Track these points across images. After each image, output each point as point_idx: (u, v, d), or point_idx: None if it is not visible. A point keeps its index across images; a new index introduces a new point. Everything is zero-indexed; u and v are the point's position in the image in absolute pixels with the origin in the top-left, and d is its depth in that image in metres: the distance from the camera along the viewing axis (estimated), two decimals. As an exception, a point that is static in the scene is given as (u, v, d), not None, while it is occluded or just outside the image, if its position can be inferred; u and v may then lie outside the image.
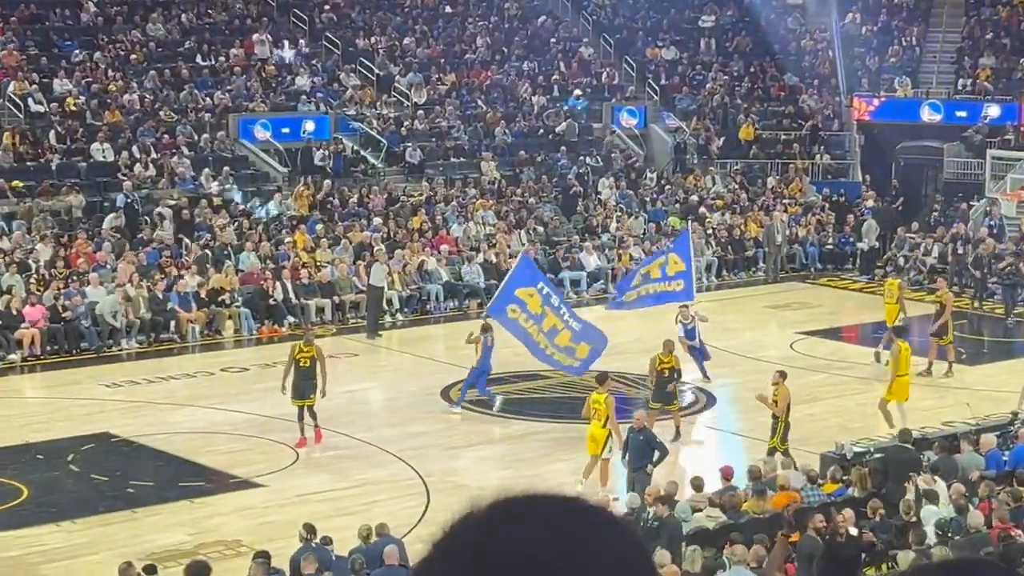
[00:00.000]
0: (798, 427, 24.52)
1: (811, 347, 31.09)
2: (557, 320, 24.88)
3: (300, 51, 43.87)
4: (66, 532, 19.80)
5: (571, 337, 24.90)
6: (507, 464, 22.50)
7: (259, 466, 22.51)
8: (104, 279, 31.21)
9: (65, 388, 27.43)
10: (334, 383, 27.04)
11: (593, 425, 21.41)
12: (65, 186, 35.19)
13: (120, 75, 40.33)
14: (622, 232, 38.76)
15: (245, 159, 39.54)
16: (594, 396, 21.64)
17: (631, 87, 47.93)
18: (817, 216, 41.54)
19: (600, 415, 21.31)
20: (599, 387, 21.80)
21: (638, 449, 20.71)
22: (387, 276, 32.88)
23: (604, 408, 21.29)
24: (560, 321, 24.93)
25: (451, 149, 42.35)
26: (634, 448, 20.76)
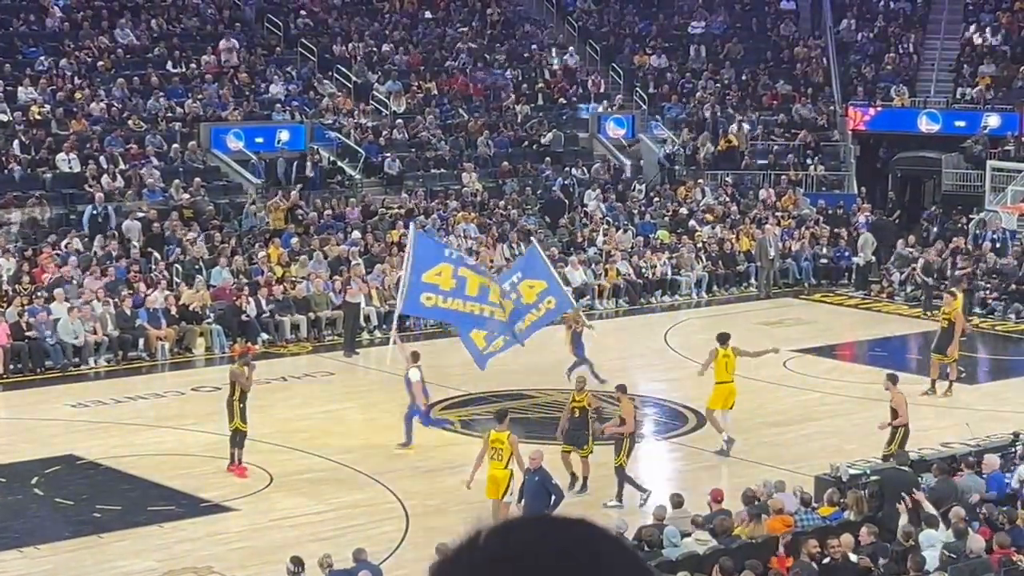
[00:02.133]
0: (791, 448, 24.59)
1: (805, 365, 31.12)
2: (481, 278, 24.31)
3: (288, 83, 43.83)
4: (30, 559, 19.73)
5: (501, 292, 24.40)
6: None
7: (231, 489, 22.46)
8: (70, 295, 31.14)
9: (29, 408, 27.34)
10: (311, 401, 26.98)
11: (493, 466, 20.22)
12: (31, 198, 35.14)
13: (87, 83, 40.30)
14: (609, 246, 38.80)
15: (217, 170, 39.52)
16: (494, 434, 20.47)
17: (618, 95, 48.02)
18: (811, 229, 41.62)
19: (503, 455, 20.19)
20: (499, 424, 20.77)
21: (534, 492, 19.43)
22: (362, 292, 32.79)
23: (508, 447, 20.19)
24: (485, 277, 24.43)
25: (431, 160, 42.38)
26: (530, 491, 19.49)
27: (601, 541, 2.44)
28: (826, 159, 46.25)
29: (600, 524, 2.48)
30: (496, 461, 20.19)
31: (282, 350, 32.02)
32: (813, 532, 17.70)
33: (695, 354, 30.17)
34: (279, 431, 25.28)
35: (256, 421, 23.78)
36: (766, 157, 46.34)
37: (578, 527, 2.45)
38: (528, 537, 2.41)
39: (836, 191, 45.46)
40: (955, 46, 49.18)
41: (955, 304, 29.21)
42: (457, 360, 31.69)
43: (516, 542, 2.40)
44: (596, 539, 2.44)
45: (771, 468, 22.79)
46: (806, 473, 21.85)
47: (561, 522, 2.45)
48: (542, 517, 2.50)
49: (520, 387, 28.53)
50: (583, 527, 2.46)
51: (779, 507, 18.52)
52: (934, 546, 16.95)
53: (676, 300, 38.24)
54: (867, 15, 51.57)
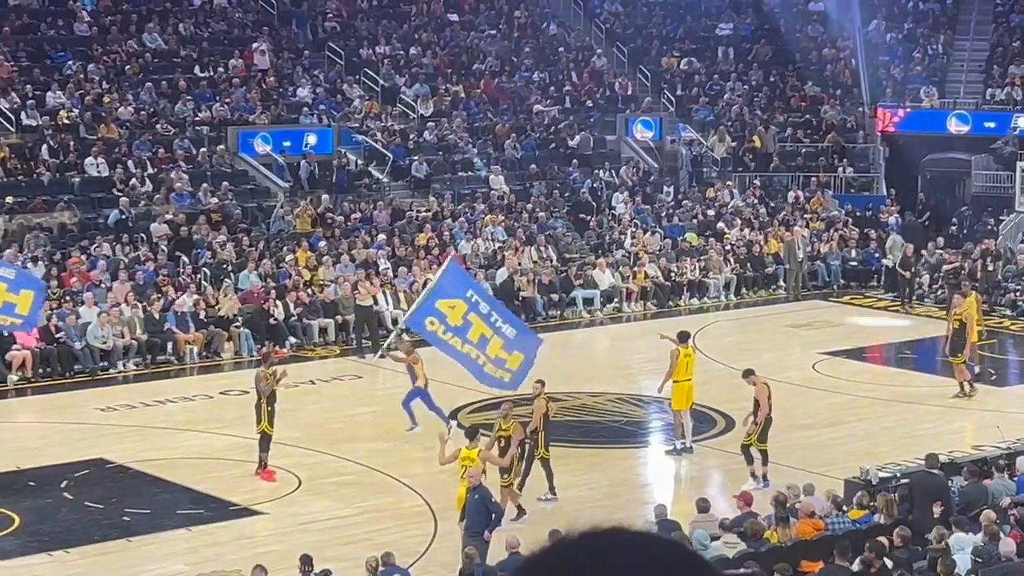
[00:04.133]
0: (821, 451, 24.53)
1: (834, 368, 31.04)
2: (486, 328, 24.35)
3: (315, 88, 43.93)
4: (59, 562, 19.79)
5: (502, 345, 24.35)
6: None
7: (260, 493, 22.50)
8: (99, 299, 31.26)
9: (58, 412, 27.44)
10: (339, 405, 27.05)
11: (463, 484, 19.72)
12: (60, 203, 35.29)
13: (115, 87, 40.44)
14: (637, 248, 38.76)
15: (244, 173, 39.61)
16: (464, 452, 20.24)
17: (646, 98, 47.97)
18: (840, 231, 41.51)
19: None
20: (469, 442, 20.46)
21: (475, 510, 18.95)
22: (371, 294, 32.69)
23: (478, 464, 19.95)
24: (490, 329, 24.39)
25: (459, 163, 42.41)
26: (472, 509, 18.98)
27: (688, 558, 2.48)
28: (855, 161, 46.12)
29: (683, 543, 2.53)
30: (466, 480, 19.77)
31: (310, 354, 32.07)
32: (844, 535, 17.64)
33: (724, 357, 30.17)
34: (307, 434, 25.32)
35: (284, 424, 23.81)
36: (795, 159, 46.25)
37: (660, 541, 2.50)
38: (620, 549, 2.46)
39: (865, 193, 45.35)
40: (985, 47, 48.98)
41: (965, 304, 29.07)
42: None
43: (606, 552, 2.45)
44: (679, 554, 2.49)
45: (800, 471, 22.72)
46: (836, 476, 21.78)
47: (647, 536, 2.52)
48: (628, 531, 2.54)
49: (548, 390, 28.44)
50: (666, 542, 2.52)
51: (810, 510, 18.46)
52: (964, 549, 16.87)
53: (704, 303, 38.18)
54: (896, 16, 51.39)
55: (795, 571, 16.61)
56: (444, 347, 24.79)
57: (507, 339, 24.33)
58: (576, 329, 35.56)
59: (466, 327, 24.03)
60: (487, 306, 24.69)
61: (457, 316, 23.96)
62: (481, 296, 25.11)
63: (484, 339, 24.07)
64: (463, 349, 24.10)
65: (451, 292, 24.39)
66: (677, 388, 24.39)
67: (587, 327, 35.94)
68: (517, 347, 24.30)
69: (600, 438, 25.84)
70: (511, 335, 24.35)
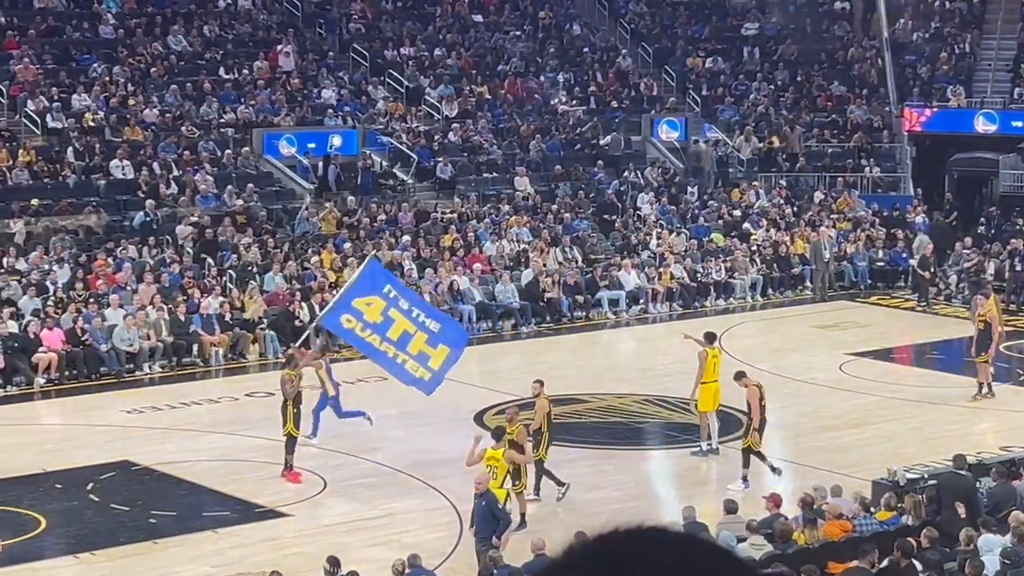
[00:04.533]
0: (848, 452, 24.48)
1: (861, 369, 30.97)
2: (408, 324, 24.16)
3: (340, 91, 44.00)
4: (85, 564, 19.86)
5: (427, 340, 24.17)
6: (543, 492, 22.40)
7: (285, 495, 22.54)
8: (124, 301, 31.36)
9: (84, 414, 27.54)
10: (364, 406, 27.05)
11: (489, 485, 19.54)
12: (88, 206, 35.42)
13: (140, 89, 40.57)
14: (663, 249, 38.73)
15: (269, 175, 39.70)
16: (490, 452, 20.06)
17: (671, 98, 47.94)
18: (867, 232, 41.41)
19: (498, 474, 19.85)
20: (495, 443, 20.30)
21: (482, 517, 18.92)
22: None
23: (503, 465, 19.95)
24: (412, 325, 24.19)
25: (484, 164, 42.43)
26: (479, 516, 18.97)
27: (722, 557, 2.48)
28: (881, 161, 46.01)
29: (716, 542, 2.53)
30: (491, 480, 19.75)
31: (336, 355, 32.09)
32: (871, 537, 17.60)
33: (750, 358, 30.11)
34: (333, 436, 25.33)
35: (310, 426, 23.83)
36: (821, 159, 46.16)
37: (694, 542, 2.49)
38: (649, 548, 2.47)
39: (892, 193, 45.24)
40: (1012, 45, 48.80)
41: (988, 305, 28.94)
42: (509, 364, 31.78)
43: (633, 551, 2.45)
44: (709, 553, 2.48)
45: (827, 472, 22.68)
46: (863, 477, 21.73)
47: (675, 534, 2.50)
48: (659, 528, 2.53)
49: (573, 392, 28.48)
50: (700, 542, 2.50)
51: (838, 512, 18.42)
52: (992, 551, 16.82)
53: (730, 304, 38.13)
54: (923, 15, 51.26)
55: (822, 572, 16.57)
56: (361, 345, 24.70)
57: (431, 333, 24.18)
58: (601, 330, 35.55)
59: (386, 324, 23.88)
60: (407, 302, 24.49)
61: (375, 313, 23.82)
62: (401, 292, 24.88)
63: (406, 335, 23.92)
64: (381, 347, 23.97)
65: (368, 289, 24.23)
66: (704, 389, 24.36)
67: (612, 328, 35.92)
68: (443, 340, 24.18)
69: (626, 439, 25.83)
70: (435, 329, 24.20)
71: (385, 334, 23.99)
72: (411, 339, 24.04)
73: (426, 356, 24.15)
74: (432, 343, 24.13)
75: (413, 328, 24.07)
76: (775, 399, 27.98)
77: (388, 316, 24.09)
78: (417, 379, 24.39)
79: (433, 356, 24.15)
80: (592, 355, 33.31)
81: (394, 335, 23.97)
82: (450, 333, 24.78)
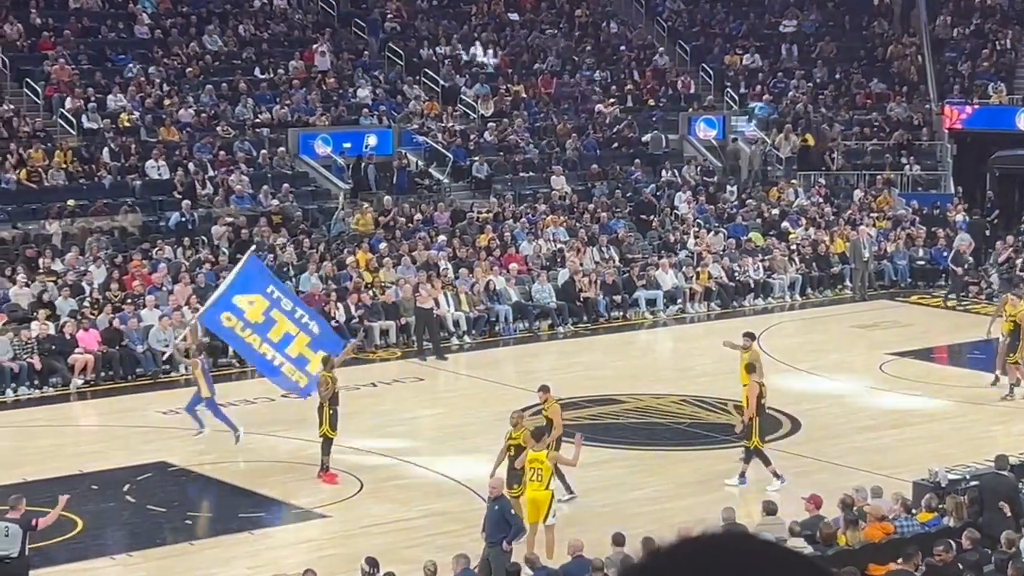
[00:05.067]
0: (888, 453, 24.38)
1: (902, 369, 30.84)
2: (291, 325, 23.86)
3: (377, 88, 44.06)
4: (122, 565, 19.93)
5: (308, 343, 23.90)
6: (581, 493, 22.37)
7: (321, 496, 22.58)
8: (160, 302, 31.46)
9: (120, 415, 27.63)
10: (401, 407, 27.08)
11: (532, 487, 19.77)
12: (124, 205, 35.53)
13: (175, 90, 40.71)
14: (700, 249, 38.63)
15: (305, 175, 39.78)
16: (532, 454, 19.91)
17: (709, 96, 47.83)
18: (907, 230, 41.23)
19: (543, 476, 19.78)
20: (536, 444, 20.17)
21: (494, 521, 18.89)
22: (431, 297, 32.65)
23: (548, 467, 19.89)
24: (295, 326, 23.87)
25: (520, 163, 42.41)
26: (491, 519, 18.94)
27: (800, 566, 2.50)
28: (921, 158, 45.81)
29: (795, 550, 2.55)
30: (536, 482, 19.75)
31: (371, 356, 32.15)
32: (913, 539, 17.51)
33: (789, 358, 30.04)
34: (369, 437, 25.37)
35: (346, 427, 23.86)
36: (860, 157, 45.99)
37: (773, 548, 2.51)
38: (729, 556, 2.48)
39: (932, 191, 45.05)
40: (1054, 42, 48.56)
41: (1021, 305, 28.73)
42: (546, 364, 31.75)
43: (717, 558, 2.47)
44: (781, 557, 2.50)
45: (867, 473, 22.59)
46: (904, 478, 21.63)
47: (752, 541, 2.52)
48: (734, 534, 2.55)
49: (611, 392, 28.45)
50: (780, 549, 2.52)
51: (880, 514, 18.33)
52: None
53: (769, 303, 38.02)
54: (963, 11, 51.01)
55: (863, 574, 16.49)
56: (240, 345, 24.45)
57: (313, 336, 23.94)
58: (639, 330, 35.49)
59: (268, 324, 23.60)
60: (290, 303, 24.18)
61: (257, 312, 23.53)
62: (283, 292, 24.54)
63: (288, 337, 23.66)
64: (261, 349, 23.70)
65: (250, 288, 23.92)
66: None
67: (650, 328, 35.86)
68: (320, 346, 23.99)
69: (664, 440, 25.77)
70: (317, 332, 23.99)
71: (266, 335, 23.67)
72: (292, 341, 23.71)
73: (305, 360, 23.82)
74: (313, 347, 23.84)
75: (295, 329, 23.75)
76: (813, 400, 27.97)
77: (270, 317, 23.72)
78: (294, 383, 24.11)
79: (312, 360, 23.85)
80: (629, 355, 33.24)
81: (275, 336, 23.65)
82: (327, 339, 24.50)
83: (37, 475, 22.99)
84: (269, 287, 24.20)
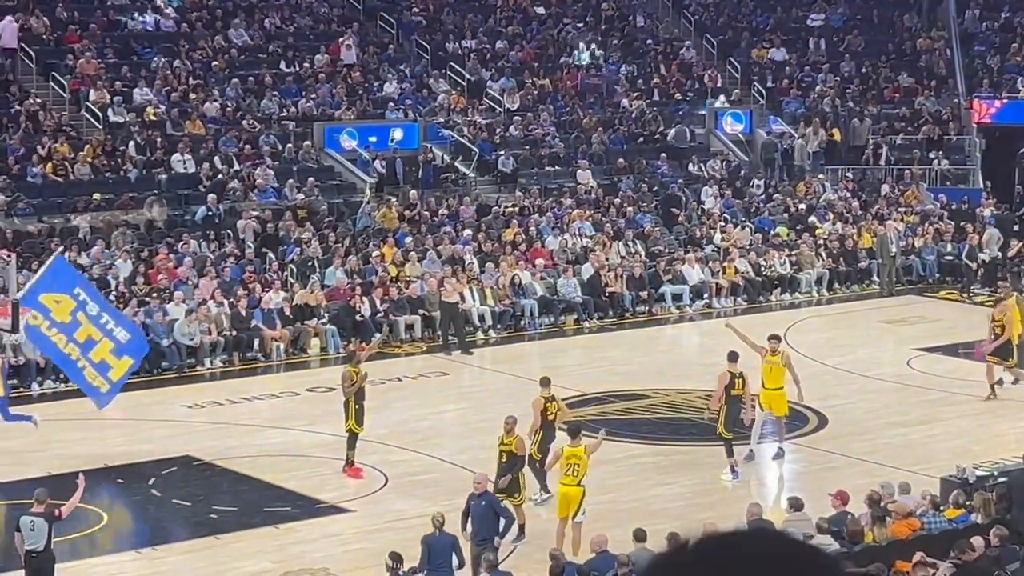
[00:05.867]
0: (915, 449, 24.33)
1: (929, 365, 30.75)
2: (94, 330, 23.57)
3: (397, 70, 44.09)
4: (147, 559, 20.01)
5: (112, 349, 23.42)
6: (606, 489, 22.35)
7: (347, 490, 22.63)
8: (186, 296, 31.54)
9: (146, 409, 27.71)
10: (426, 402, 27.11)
11: (567, 481, 19.71)
12: (150, 198, 35.56)
13: (201, 83, 40.79)
14: (727, 244, 38.57)
15: (331, 169, 39.83)
16: (568, 450, 19.82)
17: (736, 90, 47.75)
18: (935, 225, 41.10)
19: (578, 472, 19.67)
20: (572, 440, 19.97)
21: (482, 517, 18.60)
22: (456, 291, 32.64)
23: (585, 464, 19.73)
24: (99, 331, 23.56)
25: (546, 157, 42.39)
26: (479, 516, 18.62)
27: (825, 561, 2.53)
28: (950, 153, 45.66)
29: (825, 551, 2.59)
30: (571, 477, 19.71)
31: (396, 350, 32.19)
32: (940, 535, 17.48)
33: (815, 353, 30.01)
34: (394, 432, 25.41)
35: (370, 422, 23.91)
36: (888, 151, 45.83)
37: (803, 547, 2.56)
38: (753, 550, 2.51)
39: (961, 186, 44.89)
40: (1084, 35, 48.32)
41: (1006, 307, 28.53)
42: (571, 359, 31.75)
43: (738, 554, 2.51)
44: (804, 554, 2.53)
45: (895, 469, 22.54)
46: (932, 475, 21.58)
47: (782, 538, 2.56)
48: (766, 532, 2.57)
49: (637, 387, 28.46)
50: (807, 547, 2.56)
51: (907, 511, 18.28)
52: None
53: (796, 298, 37.94)
54: (992, 4, 50.81)
55: (889, 571, 16.46)
56: (44, 344, 24.06)
57: (118, 343, 23.49)
58: (665, 325, 35.47)
59: (74, 326, 23.22)
60: (96, 307, 23.74)
61: (64, 312, 23.18)
62: (90, 295, 24.02)
63: (91, 341, 23.29)
64: (66, 349, 23.31)
65: (56, 287, 23.62)
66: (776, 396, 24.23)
67: (676, 323, 35.84)
68: (127, 352, 23.69)
69: (690, 436, 25.74)
70: (123, 339, 23.58)
71: (72, 335, 23.41)
72: (95, 345, 23.37)
73: (107, 366, 23.46)
74: (117, 353, 23.48)
75: (99, 335, 23.39)
76: (841, 395, 27.92)
77: (76, 319, 23.42)
78: (93, 388, 23.84)
79: (116, 367, 23.47)
80: (655, 350, 33.23)
81: (80, 338, 23.39)
82: (135, 344, 24.28)
83: (62, 469, 23.07)
84: (76, 288, 23.74)
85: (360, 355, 24.40)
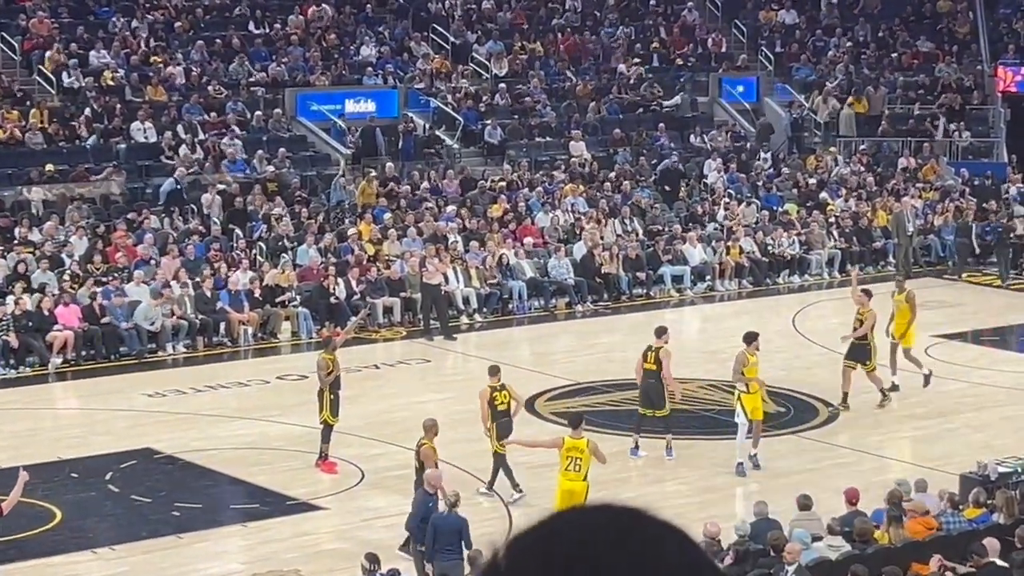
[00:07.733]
0: (934, 444, 24.38)
1: (950, 352, 30.82)
2: None
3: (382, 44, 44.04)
4: (104, 560, 20.00)
5: None
6: (602, 485, 22.38)
7: (320, 486, 22.64)
8: (148, 276, 31.48)
9: (103, 398, 27.71)
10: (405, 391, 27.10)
11: (569, 477, 19.87)
12: (107, 169, 35.45)
13: (163, 46, 40.71)
14: (731, 221, 38.62)
15: (303, 139, 39.80)
16: (570, 442, 19.90)
17: (742, 55, 47.76)
18: (956, 202, 41.16)
19: (581, 465, 19.81)
20: (574, 431, 20.20)
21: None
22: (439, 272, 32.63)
23: (587, 456, 19.85)
24: None
25: (536, 127, 42.40)
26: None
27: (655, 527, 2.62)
28: (972, 124, 45.72)
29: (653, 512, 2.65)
30: (573, 472, 19.80)
31: (374, 335, 32.21)
32: (958, 536, 17.53)
33: (826, 340, 30.02)
34: (371, 423, 25.43)
35: (346, 412, 23.92)
36: (905, 122, 45.89)
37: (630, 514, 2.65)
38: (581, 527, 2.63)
39: (984, 160, 44.95)
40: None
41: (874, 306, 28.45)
42: (563, 346, 31.78)
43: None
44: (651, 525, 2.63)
45: (912, 465, 22.61)
46: (951, 471, 21.64)
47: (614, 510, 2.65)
48: (593, 507, 2.66)
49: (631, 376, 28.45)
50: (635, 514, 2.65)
51: (923, 509, 18.34)
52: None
53: (806, 280, 37.99)
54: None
55: (905, 574, 16.51)
56: None
57: None
58: (664, 309, 35.48)
59: None
60: None
61: None
62: None
63: None
64: None
65: None
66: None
67: (676, 307, 35.87)
68: None
69: (691, 428, 25.78)
70: None
71: None
72: None
73: None
74: None
75: None
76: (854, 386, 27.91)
77: None
78: None
79: None
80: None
81: None
82: None
83: (11, 462, 23.03)
84: None
85: (336, 341, 24.40)
